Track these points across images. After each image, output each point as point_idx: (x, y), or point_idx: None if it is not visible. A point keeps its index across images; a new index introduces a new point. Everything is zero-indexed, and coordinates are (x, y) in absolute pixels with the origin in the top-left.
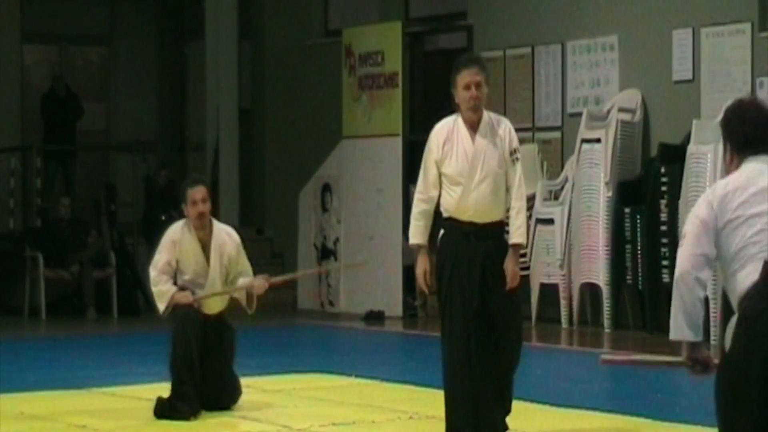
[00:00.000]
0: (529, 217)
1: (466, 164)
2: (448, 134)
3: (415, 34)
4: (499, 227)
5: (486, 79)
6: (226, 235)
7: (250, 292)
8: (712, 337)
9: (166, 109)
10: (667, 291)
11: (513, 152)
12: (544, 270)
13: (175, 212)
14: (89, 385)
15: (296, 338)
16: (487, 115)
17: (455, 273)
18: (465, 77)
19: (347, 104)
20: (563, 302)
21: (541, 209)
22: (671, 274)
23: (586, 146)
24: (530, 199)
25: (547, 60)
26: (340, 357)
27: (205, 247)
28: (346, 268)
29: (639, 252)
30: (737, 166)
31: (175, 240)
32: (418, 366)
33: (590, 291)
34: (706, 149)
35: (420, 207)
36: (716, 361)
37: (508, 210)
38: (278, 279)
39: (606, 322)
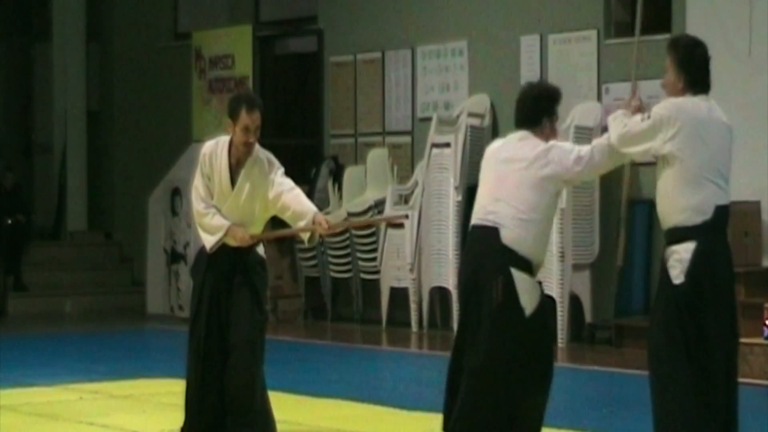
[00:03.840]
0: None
1: None
2: None
3: (265, 37)
4: None
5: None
6: (264, 158)
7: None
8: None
9: (12, 111)
10: None
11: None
12: (394, 274)
13: (21, 216)
14: None
15: (145, 343)
16: None
17: None
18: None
19: (197, 108)
20: (413, 306)
21: (391, 213)
22: None
23: (435, 151)
24: (380, 203)
25: (397, 65)
26: None
27: (235, 171)
28: (388, 221)
29: None
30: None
31: (207, 153)
32: (267, 370)
33: (440, 294)
34: None
35: None
36: None
37: None
38: (338, 227)
39: (455, 326)
